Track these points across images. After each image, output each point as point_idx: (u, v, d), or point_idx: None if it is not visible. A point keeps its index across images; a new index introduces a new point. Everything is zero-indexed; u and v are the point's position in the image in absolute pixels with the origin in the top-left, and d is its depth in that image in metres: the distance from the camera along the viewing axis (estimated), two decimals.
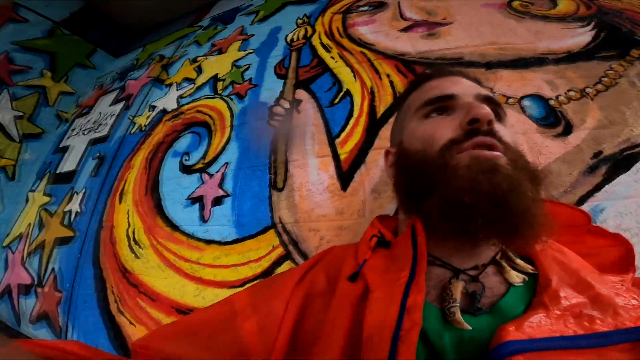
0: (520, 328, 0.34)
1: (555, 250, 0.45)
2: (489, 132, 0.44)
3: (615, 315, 0.34)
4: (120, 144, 1.95)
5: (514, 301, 0.40)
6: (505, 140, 0.45)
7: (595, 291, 0.36)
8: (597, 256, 0.46)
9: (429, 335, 0.37)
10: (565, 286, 0.38)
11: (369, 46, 1.40)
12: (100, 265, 1.51)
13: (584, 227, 0.51)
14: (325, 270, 0.49)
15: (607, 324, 0.34)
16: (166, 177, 1.59)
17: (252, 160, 1.38)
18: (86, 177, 1.95)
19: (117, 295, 1.37)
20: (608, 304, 0.35)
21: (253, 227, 1.22)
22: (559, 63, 1.06)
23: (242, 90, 1.63)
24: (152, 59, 2.43)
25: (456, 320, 0.37)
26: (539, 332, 0.33)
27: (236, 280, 1.12)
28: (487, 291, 0.41)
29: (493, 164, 0.41)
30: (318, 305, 0.44)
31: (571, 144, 0.92)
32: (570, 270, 0.40)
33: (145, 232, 1.48)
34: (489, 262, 0.44)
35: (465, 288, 0.41)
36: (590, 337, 0.33)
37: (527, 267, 0.44)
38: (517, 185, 0.39)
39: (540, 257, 0.43)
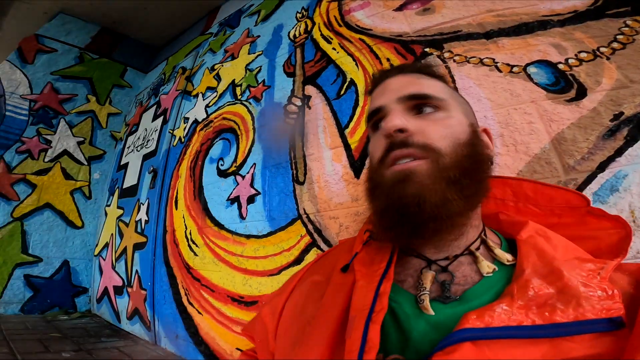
0: (481, 316, 0.35)
1: (541, 235, 0.45)
2: (402, 143, 0.46)
3: (577, 307, 0.34)
4: (167, 156, 2.22)
5: (484, 290, 0.42)
6: (422, 143, 0.45)
7: (564, 281, 0.37)
8: (596, 239, 0.46)
9: (400, 318, 0.41)
10: (537, 276, 0.39)
11: (367, 31, 1.41)
12: (170, 264, 1.81)
13: (583, 209, 0.50)
14: (322, 267, 0.58)
15: (567, 315, 0.34)
16: (207, 182, 1.82)
17: (275, 159, 1.52)
18: (146, 189, 2.27)
19: (185, 289, 1.66)
20: (573, 294, 0.35)
21: (282, 219, 1.38)
22: (565, 24, 0.98)
23: (258, 93, 1.76)
24: (176, 72, 2.64)
25: (424, 307, 0.41)
26: (497, 321, 0.35)
27: (274, 269, 1.31)
28: (459, 280, 0.44)
29: (405, 175, 0.44)
30: (316, 294, 0.51)
31: (586, 107, 0.87)
32: (547, 259, 0.40)
33: (198, 232, 1.73)
34: (461, 253, 0.46)
35: (436, 277, 0.45)
36: (547, 327, 0.34)
37: (503, 258, 0.45)
38: (424, 189, 0.42)
39: (522, 245, 0.44)
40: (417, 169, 0.44)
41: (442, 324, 0.40)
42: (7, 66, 2.52)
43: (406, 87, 0.52)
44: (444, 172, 0.44)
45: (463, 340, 0.34)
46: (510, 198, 0.57)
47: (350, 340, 0.39)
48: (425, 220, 0.42)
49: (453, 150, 0.46)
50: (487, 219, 0.55)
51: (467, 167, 0.45)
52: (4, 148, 2.36)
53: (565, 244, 0.44)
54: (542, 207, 0.54)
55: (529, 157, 0.90)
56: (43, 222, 2.43)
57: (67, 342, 1.71)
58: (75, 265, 2.52)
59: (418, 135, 0.47)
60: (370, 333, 0.38)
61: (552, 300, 0.36)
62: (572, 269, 0.38)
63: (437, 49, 1.18)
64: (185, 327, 1.59)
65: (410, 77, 0.55)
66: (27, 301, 2.24)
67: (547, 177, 0.87)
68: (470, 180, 0.45)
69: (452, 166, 0.44)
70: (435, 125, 0.48)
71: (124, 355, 1.58)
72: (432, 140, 0.46)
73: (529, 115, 0.94)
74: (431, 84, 0.54)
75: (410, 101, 0.50)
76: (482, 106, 1.03)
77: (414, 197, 0.42)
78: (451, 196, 0.42)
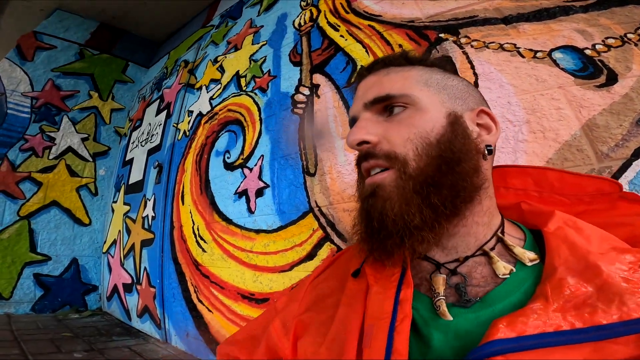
0: (512, 324, 0.32)
1: (571, 226, 0.41)
2: (368, 154, 0.45)
3: (620, 305, 0.31)
4: (172, 151, 2.18)
5: (509, 290, 0.39)
6: (386, 152, 0.44)
7: (603, 278, 0.34)
8: (631, 225, 0.42)
9: (418, 325, 0.39)
10: (571, 273, 0.35)
11: (376, 17, 1.35)
12: (179, 261, 1.79)
13: (615, 194, 0.46)
14: (334, 274, 0.55)
15: (610, 315, 0.31)
16: (214, 176, 1.78)
17: (283, 150, 1.48)
18: (152, 185, 2.24)
19: (194, 286, 1.64)
20: (615, 292, 0.32)
21: (293, 213, 1.34)
22: (589, 10, 0.94)
23: (264, 83, 1.70)
24: (178, 65, 2.59)
25: (441, 313, 0.39)
26: (531, 328, 0.32)
27: (285, 265, 1.27)
28: (479, 281, 0.41)
29: (372, 189, 0.44)
30: (330, 301, 0.49)
31: (618, 93, 0.83)
32: (580, 253, 0.37)
33: (206, 227, 1.70)
34: (472, 254, 0.43)
35: (448, 281, 0.42)
36: (589, 330, 0.31)
37: (524, 257, 0.41)
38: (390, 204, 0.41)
39: (550, 239, 0.41)
40: (384, 181, 0.43)
41: (464, 331, 0.37)
42: (6, 64, 2.48)
43: (370, 91, 0.48)
44: (408, 181, 0.41)
45: (493, 355, 0.31)
46: (532, 188, 0.53)
47: (371, 350, 0.36)
48: (388, 235, 0.40)
49: (420, 154, 0.42)
50: (508, 210, 0.52)
51: (436, 171, 0.42)
52: (7, 146, 2.34)
53: (600, 234, 0.40)
54: (570, 196, 0.50)
55: (559, 144, 0.86)
56: (50, 220, 2.42)
57: (79, 341, 1.70)
58: (84, 263, 2.51)
59: (383, 143, 0.45)
60: (397, 344, 0.36)
61: (592, 300, 0.33)
62: (611, 263, 0.35)
63: (453, 34, 1.12)
64: (196, 325, 1.57)
65: (377, 75, 0.50)
66: (38, 300, 2.24)
67: (579, 164, 0.82)
68: (440, 185, 0.41)
69: (417, 173, 0.42)
70: (399, 128, 0.44)
71: (135, 355, 1.57)
72: (395, 147, 0.43)
73: (556, 101, 0.89)
74: (397, 78, 0.48)
75: (377, 105, 0.47)
76: (504, 92, 0.97)
77: (378, 213, 0.41)
78: (413, 209, 0.40)
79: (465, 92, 0.50)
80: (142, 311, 1.99)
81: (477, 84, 1.02)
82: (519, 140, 0.91)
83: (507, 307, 0.37)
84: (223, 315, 1.45)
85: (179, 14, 2.81)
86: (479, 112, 0.48)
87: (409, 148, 0.43)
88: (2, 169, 2.29)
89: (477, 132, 0.47)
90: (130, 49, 3.09)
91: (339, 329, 0.43)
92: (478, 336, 0.34)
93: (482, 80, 1.02)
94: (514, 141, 0.91)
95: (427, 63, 0.52)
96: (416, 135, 0.43)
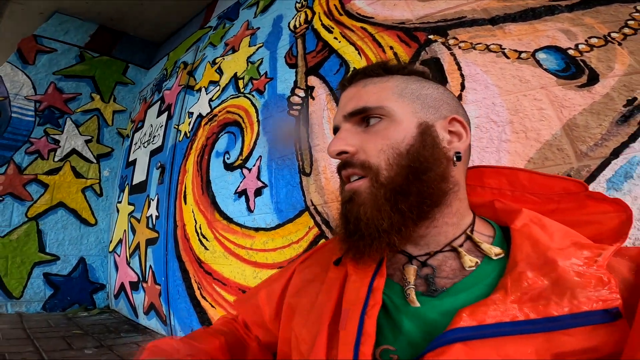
0: (473, 313, 0.35)
1: (536, 223, 0.44)
2: (346, 163, 0.49)
3: (572, 299, 0.34)
4: (173, 152, 2.23)
5: (473, 282, 0.42)
6: (361, 161, 0.48)
7: (559, 272, 0.36)
8: (598, 223, 0.45)
9: (390, 311, 0.44)
10: (531, 268, 0.38)
11: (368, 19, 1.38)
12: (182, 259, 1.85)
13: (582, 194, 0.49)
14: (318, 261, 0.60)
15: (561, 307, 0.34)
16: (214, 176, 1.83)
17: (280, 151, 1.52)
18: (155, 185, 2.30)
19: (198, 283, 1.70)
20: (568, 286, 0.35)
21: (290, 211, 1.39)
22: (574, 9, 0.96)
23: (261, 85, 1.74)
24: (178, 67, 2.62)
25: (410, 300, 0.43)
26: (490, 318, 0.35)
27: (284, 261, 1.33)
28: (448, 273, 0.45)
29: (349, 196, 0.48)
30: (311, 289, 0.54)
31: (599, 93, 0.85)
32: (541, 249, 0.40)
33: (208, 226, 1.75)
34: (440, 250, 0.47)
35: (418, 272, 0.46)
36: (541, 321, 0.33)
37: (491, 252, 0.45)
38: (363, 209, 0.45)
39: (516, 235, 0.44)
40: (360, 188, 0.47)
41: (430, 318, 0.41)
42: (8, 68, 2.52)
43: (350, 103, 0.52)
44: (380, 189, 0.45)
45: (454, 341, 0.34)
46: (506, 187, 0.56)
47: (345, 331, 0.41)
48: (361, 237, 0.45)
49: (391, 164, 0.46)
50: (483, 207, 0.55)
51: (405, 180, 0.45)
52: (13, 149, 2.40)
53: (563, 230, 0.43)
54: (540, 195, 0.53)
55: (540, 143, 0.89)
56: (57, 221, 2.49)
57: (89, 338, 1.77)
58: (91, 262, 2.59)
59: (360, 153, 0.48)
60: (366, 326, 0.40)
61: (547, 293, 0.35)
62: (568, 258, 0.38)
63: (442, 35, 1.15)
64: (200, 321, 1.63)
65: (357, 87, 0.53)
66: (49, 299, 2.32)
67: (559, 163, 0.85)
68: (407, 193, 0.45)
69: (388, 182, 0.45)
70: (375, 139, 0.48)
71: None
72: (369, 157, 0.47)
73: (539, 102, 0.92)
74: (374, 90, 0.51)
75: (355, 117, 0.51)
76: (489, 93, 1.01)
77: (354, 217, 0.46)
78: (383, 214, 0.44)
79: (439, 100, 0.52)
80: (149, 308, 2.06)
81: (463, 85, 1.05)
82: (502, 140, 0.94)
83: (470, 297, 0.41)
84: (225, 311, 1.50)
85: (177, 15, 2.83)
86: (450, 119, 0.51)
87: (381, 158, 0.46)
88: (8, 172, 2.35)
89: (447, 140, 0.49)
90: (130, 51, 3.13)
91: (317, 312, 0.48)
92: (443, 323, 0.38)
93: (469, 82, 1.05)
94: (498, 141, 0.95)
95: (404, 72, 0.55)
96: (388, 147, 0.47)
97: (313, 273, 0.58)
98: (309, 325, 0.49)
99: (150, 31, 3.08)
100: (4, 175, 2.33)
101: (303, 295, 0.55)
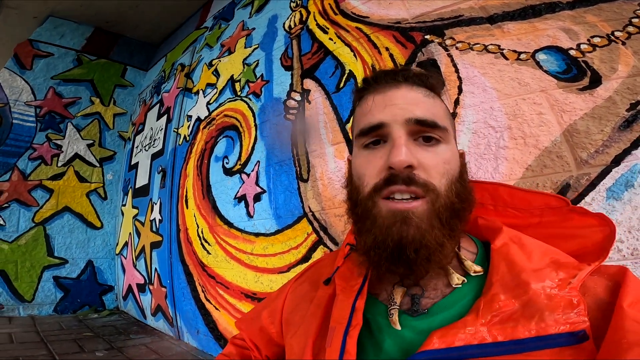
0: (444, 336, 0.36)
1: (515, 242, 0.45)
2: (406, 180, 0.43)
3: (539, 321, 0.35)
4: (174, 155, 2.24)
5: (450, 303, 0.43)
6: (423, 181, 0.44)
7: (529, 295, 0.37)
8: (582, 237, 0.45)
9: (373, 330, 0.45)
10: (504, 289, 0.39)
11: (364, 19, 1.35)
12: (186, 262, 1.87)
13: (564, 208, 0.49)
14: (309, 278, 0.62)
15: (529, 330, 0.34)
16: (214, 181, 1.83)
17: (278, 156, 1.51)
18: (157, 189, 2.31)
19: (202, 286, 1.72)
20: (537, 308, 0.35)
21: (289, 217, 1.39)
22: (575, 7, 0.92)
23: (257, 88, 1.72)
24: (175, 69, 2.60)
25: (392, 321, 0.44)
26: (459, 340, 0.36)
27: (283, 266, 1.33)
28: (430, 294, 0.45)
29: (404, 216, 0.43)
30: (303, 305, 0.56)
31: (601, 96, 0.82)
32: (515, 270, 0.40)
33: (209, 230, 1.76)
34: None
35: (407, 291, 0.46)
36: (507, 344, 0.34)
37: (471, 269, 0.45)
38: (422, 233, 0.42)
39: (494, 256, 0.44)
40: (417, 210, 0.43)
41: (408, 337, 0.42)
42: (6, 74, 2.53)
43: (414, 107, 0.47)
44: (439, 214, 0.43)
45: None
46: (489, 202, 0.56)
47: (331, 349, 0.43)
48: (419, 262, 0.43)
49: (448, 189, 0.45)
50: (467, 224, 0.53)
51: (458, 206, 0.45)
52: (16, 156, 2.43)
53: (542, 249, 0.43)
54: (521, 210, 0.53)
55: (539, 150, 0.87)
56: (64, 225, 2.53)
57: (100, 340, 1.82)
58: (99, 265, 2.63)
59: (421, 172, 0.44)
60: (348, 346, 0.41)
61: (517, 315, 0.36)
62: (541, 280, 0.38)
63: (438, 35, 1.12)
64: (205, 323, 1.66)
65: (417, 92, 0.49)
66: (59, 301, 2.38)
67: (558, 171, 0.83)
68: (459, 219, 0.45)
69: (446, 207, 0.44)
70: (437, 161, 0.46)
71: (151, 353, 1.67)
72: (432, 179, 0.45)
73: (538, 106, 0.90)
74: (437, 106, 0.50)
75: (417, 126, 0.46)
76: (487, 96, 0.98)
77: (412, 241, 0.42)
78: (443, 241, 0.43)
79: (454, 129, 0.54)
80: (156, 310, 2.09)
81: (461, 88, 1.03)
82: (500, 147, 0.92)
83: (446, 318, 0.42)
84: (229, 314, 1.53)
85: (173, 15, 2.80)
86: (461, 153, 0.53)
87: (443, 183, 0.45)
88: (13, 179, 2.38)
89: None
90: (128, 53, 3.11)
91: (304, 328, 0.51)
92: (419, 342, 0.39)
93: (466, 85, 1.03)
94: (495, 147, 0.93)
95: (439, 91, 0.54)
96: (448, 172, 0.46)
97: (304, 290, 0.60)
98: (297, 337, 0.52)
99: (147, 33, 3.06)
100: (8, 182, 2.36)
101: (295, 312, 0.57)
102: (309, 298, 0.56)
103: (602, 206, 0.77)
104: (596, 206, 0.77)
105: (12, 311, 2.22)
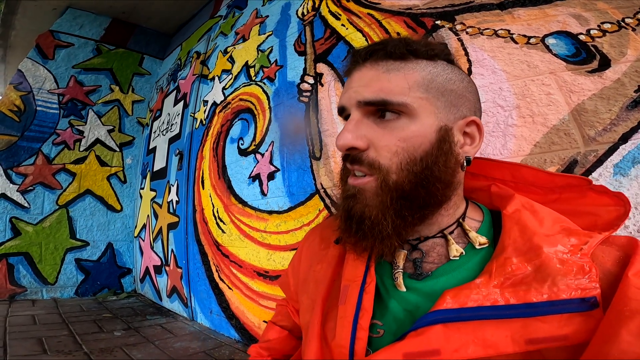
0: (456, 296, 0.37)
1: (527, 209, 0.44)
2: (354, 159, 0.45)
3: (552, 286, 0.34)
4: (190, 139, 2.31)
5: (455, 266, 0.44)
6: (371, 161, 0.44)
7: (542, 259, 0.37)
8: (595, 215, 0.45)
9: (380, 290, 0.47)
10: (517, 253, 0.39)
11: (375, 5, 1.37)
12: (202, 242, 1.95)
13: (585, 186, 0.48)
14: (321, 234, 0.62)
15: (540, 294, 0.34)
16: (230, 162, 1.90)
17: (291, 136, 1.57)
18: (174, 171, 2.40)
19: (216, 266, 1.80)
20: (549, 273, 0.35)
21: (301, 194, 1.45)
22: None
23: (271, 73, 1.77)
24: (191, 56, 2.67)
25: (398, 284, 0.45)
26: (472, 301, 0.36)
27: (296, 244, 1.39)
28: (434, 258, 0.46)
29: (355, 191, 0.46)
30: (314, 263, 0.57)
31: (609, 78, 0.84)
32: (528, 235, 0.40)
33: (224, 210, 1.84)
34: (432, 235, 0.48)
35: (408, 256, 0.48)
36: (519, 307, 0.34)
37: (476, 241, 0.45)
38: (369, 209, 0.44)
39: (506, 221, 0.44)
40: (365, 187, 0.45)
41: (412, 298, 0.44)
42: (29, 63, 2.64)
43: (367, 88, 0.45)
44: (387, 193, 0.44)
45: (435, 323, 0.36)
46: (510, 179, 0.56)
47: (345, 306, 0.44)
48: (363, 236, 0.45)
49: (402, 169, 0.44)
50: (480, 191, 0.56)
51: (413, 187, 0.44)
52: (40, 141, 2.54)
53: (553, 216, 0.43)
54: (543, 187, 0.53)
55: (547, 128, 0.90)
56: (86, 208, 2.65)
57: (118, 321, 1.93)
58: (118, 247, 2.76)
59: (370, 150, 0.45)
60: (364, 302, 0.43)
61: (529, 279, 0.36)
62: (554, 245, 0.38)
63: (449, 21, 1.14)
64: (218, 302, 1.74)
65: (377, 69, 0.46)
66: (80, 284, 2.50)
67: (566, 148, 0.86)
68: (413, 199, 0.44)
69: (395, 187, 0.44)
70: (389, 137, 0.44)
71: (165, 332, 1.78)
72: (380, 157, 0.44)
73: (547, 87, 0.92)
74: (397, 79, 0.45)
75: (368, 107, 0.45)
76: (497, 78, 1.01)
77: (358, 216, 0.45)
78: (386, 218, 0.44)
79: (462, 97, 0.47)
80: (171, 291, 2.19)
81: (470, 70, 1.05)
82: (509, 125, 0.95)
83: (451, 281, 0.43)
84: (241, 292, 1.60)
85: (187, 5, 2.85)
86: (469, 122, 0.47)
87: (393, 161, 0.44)
88: (38, 162, 2.50)
89: (460, 143, 0.47)
90: (144, 42, 3.20)
91: (314, 285, 0.52)
92: (423, 304, 0.41)
93: (476, 67, 1.05)
94: (504, 125, 0.96)
95: (431, 54, 0.48)
96: (403, 150, 0.43)
97: (315, 248, 0.61)
98: (307, 295, 0.54)
99: (162, 22, 3.13)
100: (33, 166, 2.48)
101: (308, 269, 0.59)
102: (320, 257, 0.57)
103: (609, 182, 0.80)
104: (603, 181, 0.80)
105: (35, 294, 2.33)
